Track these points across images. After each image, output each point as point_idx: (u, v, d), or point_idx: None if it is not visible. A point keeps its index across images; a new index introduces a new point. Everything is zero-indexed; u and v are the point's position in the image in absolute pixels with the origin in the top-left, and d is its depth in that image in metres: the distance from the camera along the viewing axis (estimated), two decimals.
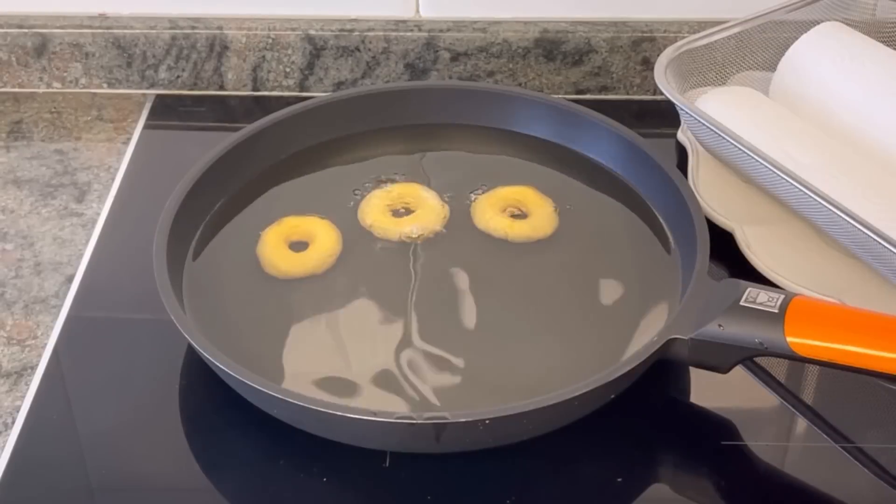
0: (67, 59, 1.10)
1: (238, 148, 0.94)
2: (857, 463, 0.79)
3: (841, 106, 0.93)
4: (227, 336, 0.83)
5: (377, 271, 0.89)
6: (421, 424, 0.75)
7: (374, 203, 0.93)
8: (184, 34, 1.09)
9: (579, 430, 0.78)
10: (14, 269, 0.94)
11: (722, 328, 0.77)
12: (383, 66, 1.10)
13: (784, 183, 0.86)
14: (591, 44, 1.08)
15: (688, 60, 0.97)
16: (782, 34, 0.99)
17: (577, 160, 0.98)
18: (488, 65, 1.09)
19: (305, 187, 0.96)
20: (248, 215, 0.93)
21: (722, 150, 0.92)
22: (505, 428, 0.76)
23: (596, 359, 0.82)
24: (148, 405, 0.82)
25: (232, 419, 0.80)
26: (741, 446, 0.80)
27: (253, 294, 0.87)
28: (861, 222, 0.81)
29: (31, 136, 1.07)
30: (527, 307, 0.86)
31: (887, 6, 1.00)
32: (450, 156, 0.99)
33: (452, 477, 0.77)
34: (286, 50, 1.09)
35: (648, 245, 0.91)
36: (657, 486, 0.78)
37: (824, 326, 0.76)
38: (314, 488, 0.77)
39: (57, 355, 0.86)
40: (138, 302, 0.88)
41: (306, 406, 0.75)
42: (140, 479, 0.78)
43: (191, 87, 1.11)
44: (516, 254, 0.90)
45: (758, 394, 0.84)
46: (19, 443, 0.80)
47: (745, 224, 0.91)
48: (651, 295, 0.87)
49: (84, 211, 0.99)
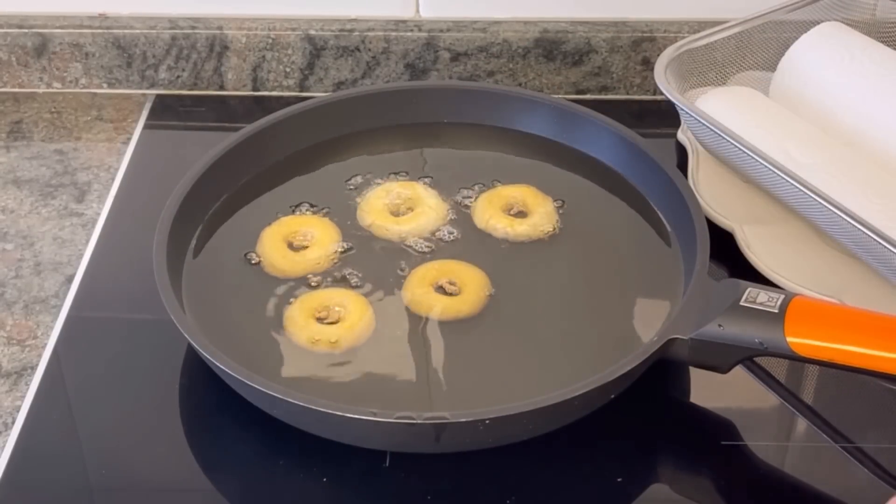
0: (67, 59, 1.10)
1: (238, 148, 0.94)
2: (857, 463, 0.79)
3: (841, 106, 0.93)
4: (227, 336, 0.83)
5: (377, 270, 0.89)
6: (421, 424, 0.75)
7: (373, 202, 0.93)
8: (184, 34, 1.09)
9: (579, 430, 0.78)
10: (14, 269, 0.94)
11: (722, 328, 0.77)
12: (383, 66, 1.10)
13: (784, 183, 0.86)
14: (591, 44, 1.08)
15: (688, 60, 0.97)
16: (782, 34, 0.99)
17: (577, 159, 0.97)
18: (488, 65, 1.09)
19: (305, 187, 0.96)
20: (247, 215, 0.93)
21: (722, 150, 0.92)
22: (505, 428, 0.76)
23: (596, 358, 0.82)
24: (148, 405, 0.82)
25: (232, 419, 0.80)
26: (741, 446, 0.80)
27: (253, 294, 0.87)
28: (861, 222, 0.81)
29: (31, 136, 1.07)
30: (527, 306, 0.86)
31: (887, 6, 1.00)
32: (450, 154, 0.99)
33: (452, 477, 0.77)
34: (286, 50, 1.09)
35: (649, 245, 0.91)
36: (657, 486, 0.78)
37: (824, 326, 0.76)
38: (314, 488, 0.77)
39: (57, 355, 0.86)
40: (138, 302, 0.88)
41: (306, 406, 0.75)
42: (140, 479, 0.78)
43: (191, 87, 1.11)
44: (517, 252, 0.90)
45: (758, 394, 0.84)
46: (19, 443, 0.80)
47: (745, 224, 0.91)
48: (651, 295, 0.87)
49: (84, 211, 0.99)
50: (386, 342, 0.84)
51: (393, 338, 0.84)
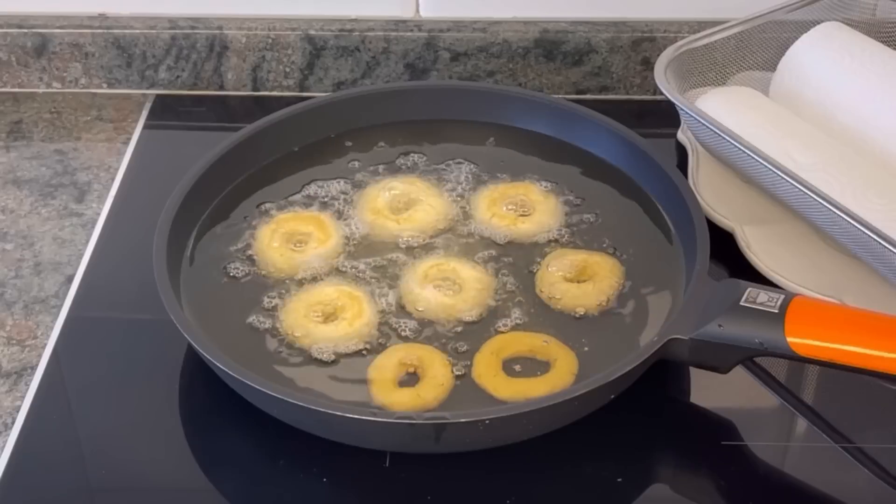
0: (67, 59, 1.10)
1: (238, 148, 0.94)
2: (857, 463, 0.79)
3: (841, 106, 0.93)
4: (227, 336, 0.83)
5: (377, 269, 0.89)
6: (421, 424, 0.75)
7: (373, 200, 0.93)
8: (184, 34, 1.09)
9: (579, 430, 0.78)
10: (14, 269, 0.94)
11: (722, 328, 0.77)
12: (383, 66, 1.10)
13: (784, 183, 0.86)
14: (591, 44, 1.08)
15: (688, 60, 0.97)
16: (782, 34, 0.99)
17: (578, 159, 0.97)
18: (488, 65, 1.09)
19: (304, 186, 0.95)
20: (246, 214, 0.93)
21: (722, 150, 0.92)
22: (505, 428, 0.76)
23: (596, 358, 0.82)
24: (148, 405, 0.82)
25: (232, 419, 0.80)
26: (741, 446, 0.80)
27: (252, 293, 0.87)
28: (861, 222, 0.81)
29: (31, 136, 1.07)
30: (527, 306, 0.86)
31: (887, 6, 1.00)
32: (450, 152, 0.99)
33: (452, 477, 0.77)
34: (286, 50, 1.09)
35: (649, 244, 0.91)
36: (657, 486, 0.78)
37: (824, 326, 0.77)
38: (314, 488, 0.77)
39: (57, 355, 0.86)
40: (138, 302, 0.88)
41: (306, 406, 0.75)
42: (140, 479, 0.78)
43: (191, 87, 1.11)
44: (517, 250, 0.90)
45: (758, 394, 0.84)
46: (19, 443, 0.80)
47: (745, 224, 0.91)
48: (651, 294, 0.87)
49: (84, 211, 0.99)
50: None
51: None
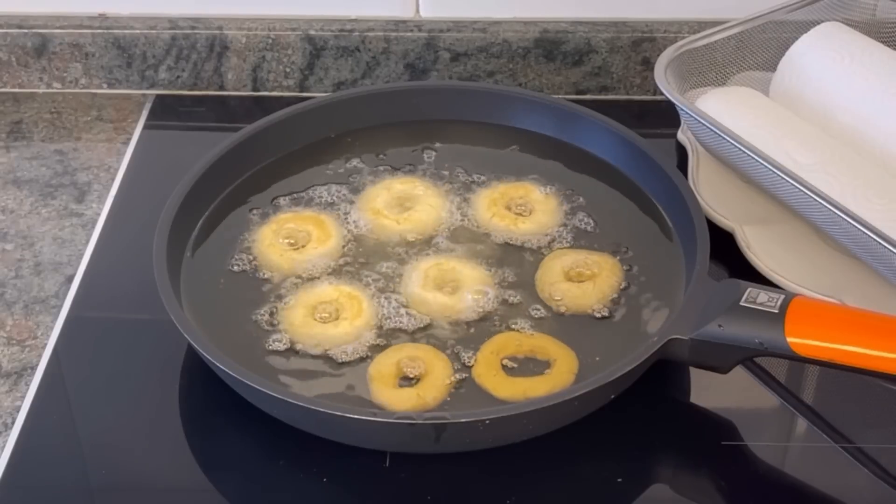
0: (67, 60, 1.10)
1: (238, 148, 0.94)
2: (857, 463, 0.79)
3: (841, 106, 0.93)
4: (227, 336, 0.83)
5: (377, 268, 0.89)
6: (421, 425, 0.75)
7: (373, 200, 0.93)
8: (184, 34, 1.09)
9: (579, 430, 0.78)
10: (14, 269, 0.94)
11: (722, 328, 0.77)
12: (383, 67, 1.10)
13: (784, 183, 0.86)
14: (591, 44, 1.08)
15: (688, 60, 0.97)
16: (782, 34, 0.99)
17: (578, 159, 0.97)
18: (488, 65, 1.09)
19: (305, 186, 0.95)
20: (246, 214, 0.93)
21: (722, 150, 0.92)
22: (505, 428, 0.76)
23: (596, 358, 0.82)
24: (148, 405, 0.82)
25: (232, 419, 0.81)
26: (741, 446, 0.80)
27: (252, 293, 0.87)
28: (861, 222, 0.81)
29: (31, 136, 1.07)
30: (526, 306, 0.86)
31: (887, 6, 1.00)
32: (451, 152, 0.99)
33: (452, 477, 0.77)
34: (286, 50, 1.09)
35: (649, 244, 0.91)
36: (657, 486, 0.78)
37: (824, 326, 0.77)
38: (314, 488, 0.77)
39: (57, 355, 0.86)
40: (138, 302, 0.88)
41: (306, 406, 0.75)
42: (140, 479, 0.78)
43: (191, 88, 1.11)
44: (517, 250, 0.90)
45: (758, 394, 0.84)
46: (19, 443, 0.80)
47: (745, 224, 0.91)
48: (651, 294, 0.87)
49: (84, 211, 0.99)
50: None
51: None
